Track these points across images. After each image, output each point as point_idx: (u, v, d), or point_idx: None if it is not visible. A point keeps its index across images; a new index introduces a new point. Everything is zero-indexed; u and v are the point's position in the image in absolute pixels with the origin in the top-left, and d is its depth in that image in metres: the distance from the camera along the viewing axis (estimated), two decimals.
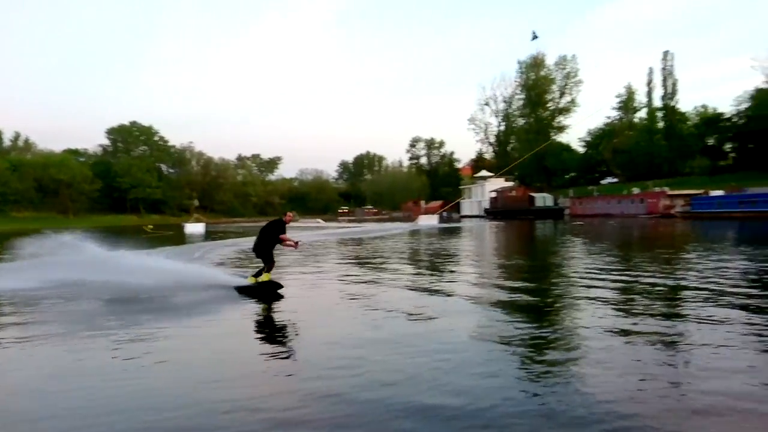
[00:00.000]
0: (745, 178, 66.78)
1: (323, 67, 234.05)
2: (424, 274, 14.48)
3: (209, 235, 41.71)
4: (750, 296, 9.80)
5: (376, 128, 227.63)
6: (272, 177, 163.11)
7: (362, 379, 5.35)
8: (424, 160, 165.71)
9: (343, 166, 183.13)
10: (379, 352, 6.36)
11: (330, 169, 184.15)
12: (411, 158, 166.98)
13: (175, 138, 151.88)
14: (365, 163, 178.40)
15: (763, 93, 77.26)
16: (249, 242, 13.53)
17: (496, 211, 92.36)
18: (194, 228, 49.81)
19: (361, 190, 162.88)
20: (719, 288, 10.57)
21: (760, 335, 6.86)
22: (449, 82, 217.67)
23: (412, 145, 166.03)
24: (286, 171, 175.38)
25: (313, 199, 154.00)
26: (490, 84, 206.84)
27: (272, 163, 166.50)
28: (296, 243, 11.66)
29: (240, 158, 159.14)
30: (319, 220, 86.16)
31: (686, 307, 8.94)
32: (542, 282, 12.63)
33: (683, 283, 11.56)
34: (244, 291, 11.10)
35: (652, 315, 8.24)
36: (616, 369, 5.55)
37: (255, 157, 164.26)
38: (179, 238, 37.95)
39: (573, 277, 13.03)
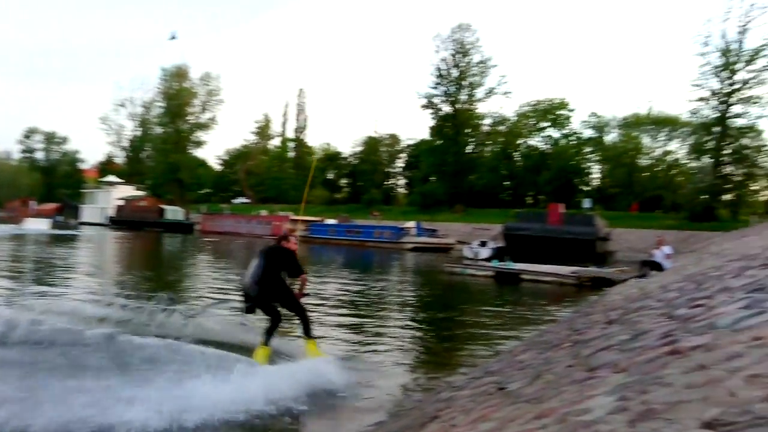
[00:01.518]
0: (355, 210, 75.98)
1: None
2: None
3: None
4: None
5: None
6: None
7: None
8: (40, 155, 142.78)
9: None
10: None
11: None
12: (24, 151, 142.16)
13: None
14: None
15: (372, 140, 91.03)
16: None
17: (121, 220, 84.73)
18: None
19: None
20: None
21: None
22: (84, 71, 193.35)
23: (27, 137, 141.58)
24: None
25: None
26: (128, 84, 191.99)
27: None
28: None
29: None
30: None
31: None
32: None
33: None
34: None
35: None
36: None
37: None
38: None
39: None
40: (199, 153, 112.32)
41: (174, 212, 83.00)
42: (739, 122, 56.99)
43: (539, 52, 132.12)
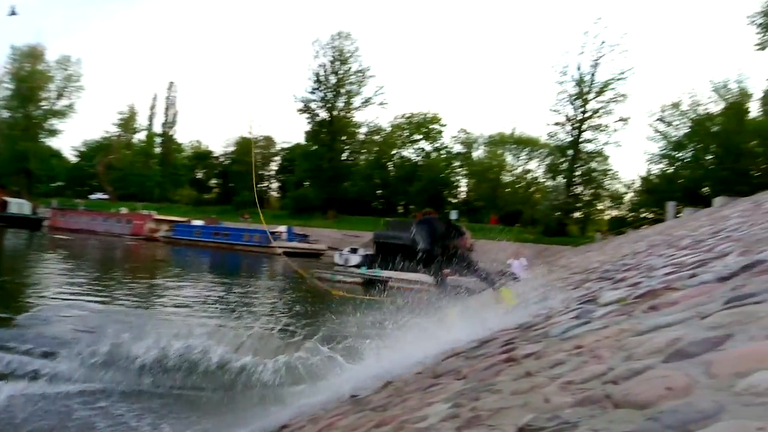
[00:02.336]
0: (224, 212, 73.59)
1: None
2: None
3: None
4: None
5: None
6: None
7: None
8: None
9: None
10: None
11: None
12: None
13: None
14: None
15: (246, 141, 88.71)
16: None
17: None
18: None
19: None
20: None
21: None
22: None
23: None
24: None
25: None
26: None
27: None
28: None
29: None
30: None
31: None
32: None
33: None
34: None
35: None
36: None
37: None
38: None
39: None
40: (53, 142, 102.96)
41: (19, 205, 75.04)
42: (589, 147, 62.91)
43: (416, 67, 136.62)
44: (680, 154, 56.45)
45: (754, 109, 51.67)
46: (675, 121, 55.67)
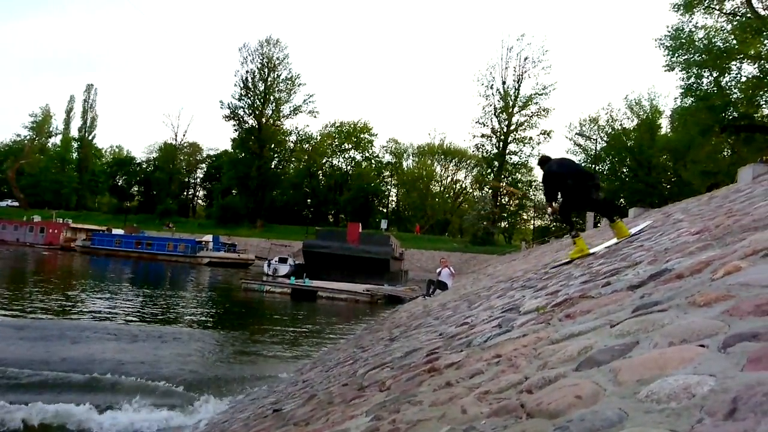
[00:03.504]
0: (146, 220, 70.90)
1: None
2: None
3: None
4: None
5: None
6: None
7: None
8: None
9: None
10: None
11: None
12: None
13: None
14: None
15: (170, 147, 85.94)
16: None
17: None
18: None
19: None
20: None
21: None
22: None
23: None
24: None
25: None
26: None
27: None
28: None
29: None
30: None
31: None
32: None
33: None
34: None
35: None
36: None
37: None
38: None
39: None
40: None
41: None
42: (514, 159, 65.04)
43: (347, 76, 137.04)
44: (598, 167, 59.33)
45: (664, 126, 55.03)
46: (593, 135, 58.49)
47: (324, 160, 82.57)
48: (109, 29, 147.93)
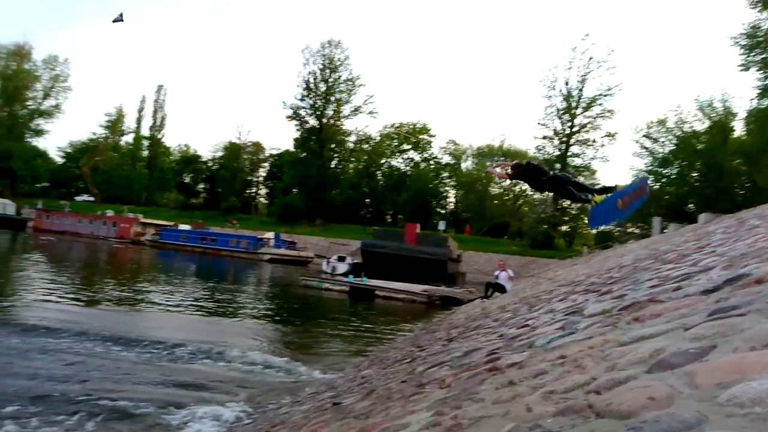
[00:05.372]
0: (210, 217, 73.22)
1: None
2: None
3: None
4: None
5: None
6: None
7: None
8: None
9: None
10: None
11: None
12: None
13: None
14: None
15: (234, 146, 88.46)
16: None
17: None
18: None
19: None
20: None
21: None
22: None
23: None
24: None
25: None
26: None
27: None
28: None
29: None
30: None
31: None
32: None
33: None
34: None
35: None
36: None
37: None
38: None
39: None
40: (38, 143, 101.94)
41: (3, 206, 74.11)
42: (577, 161, 63.42)
43: (406, 77, 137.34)
44: (666, 171, 57.06)
45: (738, 128, 52.44)
46: (661, 138, 56.30)
47: (383, 161, 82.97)
48: (178, 32, 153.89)
